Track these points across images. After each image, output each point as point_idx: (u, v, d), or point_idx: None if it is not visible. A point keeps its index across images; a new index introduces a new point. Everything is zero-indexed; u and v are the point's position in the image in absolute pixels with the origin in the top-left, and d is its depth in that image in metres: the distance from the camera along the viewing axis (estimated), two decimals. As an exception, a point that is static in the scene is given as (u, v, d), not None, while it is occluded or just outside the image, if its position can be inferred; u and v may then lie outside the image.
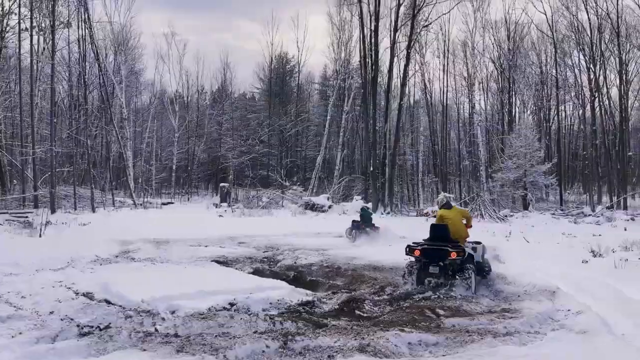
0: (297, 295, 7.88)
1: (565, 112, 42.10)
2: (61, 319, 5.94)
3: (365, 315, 6.96)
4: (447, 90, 39.36)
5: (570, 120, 44.24)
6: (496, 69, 37.47)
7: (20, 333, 5.40)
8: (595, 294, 7.49)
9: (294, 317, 6.48)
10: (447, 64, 38.77)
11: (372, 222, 17.44)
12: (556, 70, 35.73)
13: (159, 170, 42.70)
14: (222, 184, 36.67)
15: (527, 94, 39.11)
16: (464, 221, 8.89)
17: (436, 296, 7.65)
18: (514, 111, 38.24)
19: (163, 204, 33.33)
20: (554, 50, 34.96)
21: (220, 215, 26.42)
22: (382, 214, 27.63)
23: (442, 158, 39.81)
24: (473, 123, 36.87)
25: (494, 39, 36.95)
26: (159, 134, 45.48)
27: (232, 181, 40.56)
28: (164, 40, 67.79)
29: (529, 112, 40.67)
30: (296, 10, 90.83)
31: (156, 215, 24.77)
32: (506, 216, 24.92)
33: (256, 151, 44.07)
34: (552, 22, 34.27)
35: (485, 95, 39.56)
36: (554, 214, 26.61)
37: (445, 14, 34.84)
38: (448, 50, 38.64)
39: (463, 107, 40.82)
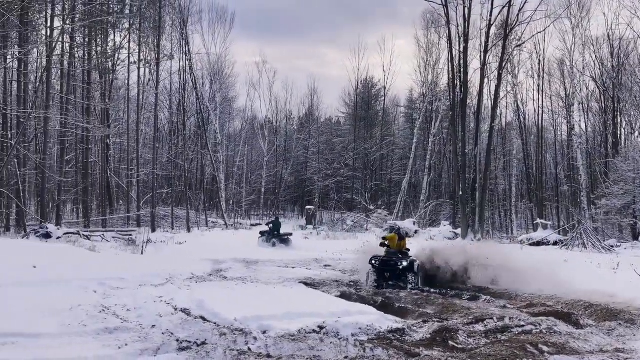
0: (386, 321, 7.67)
1: (680, 133, 38.12)
2: (162, 333, 6.24)
3: (459, 346, 6.60)
4: (542, 112, 37.35)
5: (687, 142, 39.96)
6: (598, 88, 34.97)
7: (126, 344, 5.73)
8: None
9: (385, 344, 6.30)
10: (543, 84, 36.88)
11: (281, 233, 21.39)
12: (669, 88, 32.62)
13: (249, 193, 44.38)
14: (307, 207, 37.31)
15: (634, 114, 36.01)
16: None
17: (538, 330, 7.10)
18: (619, 132, 35.34)
19: (252, 225, 34.46)
20: (665, 66, 32.02)
21: (306, 238, 26.77)
22: (472, 240, 26.47)
23: (538, 183, 37.56)
24: (572, 145, 34.48)
25: (596, 56, 34.59)
26: (249, 157, 47.43)
27: (317, 204, 41.12)
28: (255, 68, 71.22)
29: (637, 133, 37.34)
30: (382, 34, 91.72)
31: (246, 237, 25.60)
32: (612, 246, 22.80)
33: (341, 174, 44.45)
34: (662, 36, 31.50)
35: (586, 116, 36.96)
36: (669, 245, 23.93)
37: (540, 32, 33.31)
38: (543, 70, 36.78)
39: (560, 128, 38.47)
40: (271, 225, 22.02)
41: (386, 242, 12.53)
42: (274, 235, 21.39)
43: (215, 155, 38.18)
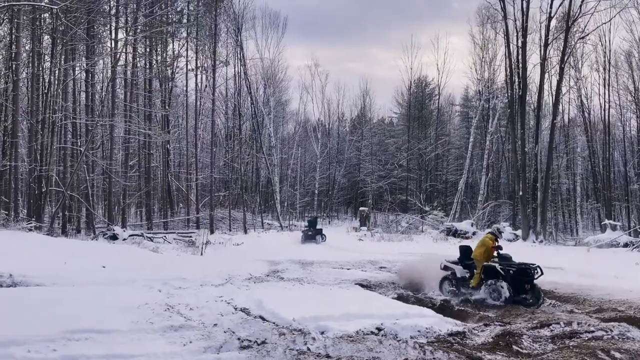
0: (446, 324, 7.51)
1: None
2: (224, 332, 6.42)
3: (524, 351, 6.37)
4: (609, 107, 35.30)
5: None
6: (670, 79, 32.69)
7: (190, 342, 5.94)
8: None
9: (445, 347, 6.18)
10: (609, 77, 34.85)
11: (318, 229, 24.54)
12: None
13: (303, 195, 44.80)
14: (361, 208, 37.14)
15: None
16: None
17: (609, 336, 6.73)
18: (695, 126, 32.89)
19: (306, 226, 34.70)
20: None
21: (360, 239, 26.69)
22: (534, 242, 25.46)
23: (605, 181, 35.57)
24: (643, 141, 32.47)
25: (668, 45, 32.38)
26: (303, 160, 47.88)
27: (371, 205, 40.89)
28: (307, 71, 71.87)
29: None
30: (435, 32, 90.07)
31: (300, 238, 25.85)
32: (690, 248, 21.24)
33: (395, 175, 44.00)
34: None
35: (658, 110, 34.65)
36: None
37: (604, 23, 31.52)
38: (609, 63, 34.74)
39: (629, 123, 36.26)
40: (307, 224, 26.19)
41: (497, 245, 10.59)
42: (310, 232, 24.91)
43: (270, 158, 38.82)
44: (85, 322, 6.23)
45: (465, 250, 11.31)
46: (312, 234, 24.74)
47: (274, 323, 7.00)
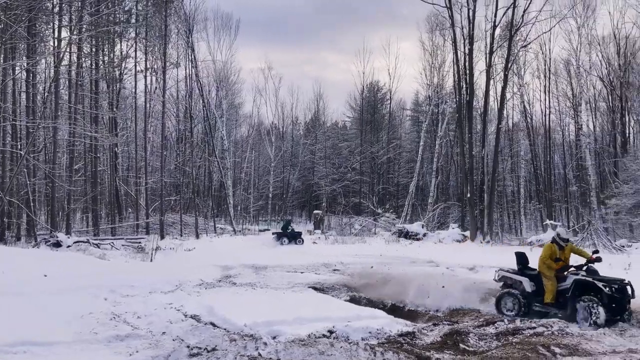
0: (396, 325, 7.66)
1: (690, 130, 37.81)
2: (173, 340, 6.28)
3: (470, 349, 6.58)
4: (549, 112, 37.12)
5: (697, 140, 39.61)
6: (605, 87, 34.75)
7: (137, 351, 5.77)
8: None
9: (395, 348, 6.29)
10: (549, 84, 36.63)
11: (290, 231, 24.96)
12: (677, 86, 32.38)
13: (257, 199, 44.47)
14: (315, 211, 37.27)
15: (643, 112, 35.74)
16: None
17: (550, 332, 7.06)
18: (627, 131, 35.08)
19: (260, 230, 34.47)
20: (673, 63, 31.81)
21: (314, 242, 26.74)
22: (482, 242, 26.34)
23: (546, 184, 37.31)
24: (580, 146, 34.26)
25: (602, 55, 34.40)
26: (257, 163, 47.56)
27: (325, 208, 41.11)
28: (260, 74, 71.67)
29: (646, 132, 37.07)
30: (387, 38, 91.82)
31: (254, 242, 25.66)
32: (623, 246, 22.59)
33: (348, 179, 44.46)
34: (669, 33, 31.30)
35: (594, 116, 36.73)
36: (681, 244, 23.64)
37: (545, 32, 33.14)
38: (549, 70, 36.55)
39: (568, 128, 38.19)
40: (282, 226, 26.06)
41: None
42: (285, 235, 24.90)
43: (223, 161, 38.32)
44: (23, 334, 5.93)
45: (522, 258, 9.53)
46: (290, 236, 25.03)
47: (225, 329, 6.92)
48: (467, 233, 28.10)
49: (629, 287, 8.04)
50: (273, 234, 26.04)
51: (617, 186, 26.97)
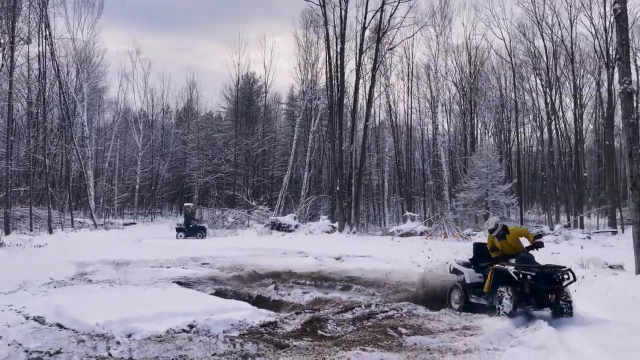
0: (259, 316, 7.75)
1: (524, 134, 43.65)
2: (8, 344, 5.66)
3: (327, 335, 6.89)
4: (411, 112, 40.24)
5: (529, 142, 45.86)
6: (458, 91, 38.60)
7: (-37, 360, 5.11)
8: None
9: (255, 339, 6.36)
10: (412, 86, 39.71)
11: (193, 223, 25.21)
12: (515, 94, 37.10)
13: (122, 190, 41.75)
14: (186, 204, 36.02)
15: (488, 116, 40.38)
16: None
17: (399, 315, 7.67)
18: (475, 133, 39.36)
19: (125, 224, 32.50)
20: (512, 74, 36.33)
21: (181, 236, 25.88)
22: (349, 233, 27.69)
23: (407, 178, 40.43)
24: (437, 144, 37.70)
25: (456, 62, 38.17)
26: (122, 153, 44.58)
27: (197, 201, 39.94)
28: (128, 58, 67.45)
29: (490, 133, 41.94)
30: (262, 31, 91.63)
31: (117, 236, 24.12)
32: (469, 235, 25.36)
33: (222, 170, 43.71)
34: (510, 47, 35.72)
35: (448, 117, 40.68)
36: (515, 232, 27.16)
37: (408, 37, 35.81)
38: (412, 73, 39.60)
39: (427, 128, 41.75)
40: (184, 220, 26.27)
41: (499, 247, 8.38)
42: (182, 230, 25.23)
43: (83, 150, 35.31)
44: None
45: (479, 249, 8.94)
46: (188, 231, 25.01)
47: (73, 330, 6.41)
48: (336, 224, 29.36)
49: (567, 275, 7.49)
50: (176, 229, 25.85)
51: (466, 181, 30.12)
